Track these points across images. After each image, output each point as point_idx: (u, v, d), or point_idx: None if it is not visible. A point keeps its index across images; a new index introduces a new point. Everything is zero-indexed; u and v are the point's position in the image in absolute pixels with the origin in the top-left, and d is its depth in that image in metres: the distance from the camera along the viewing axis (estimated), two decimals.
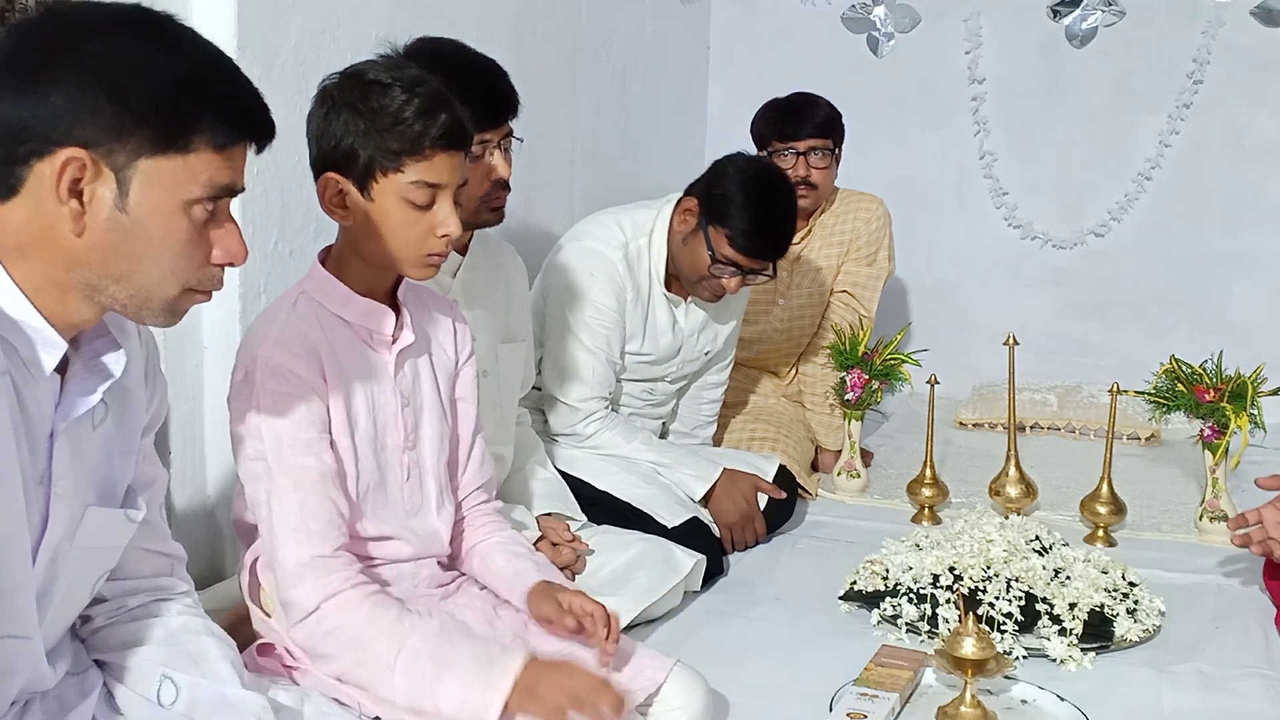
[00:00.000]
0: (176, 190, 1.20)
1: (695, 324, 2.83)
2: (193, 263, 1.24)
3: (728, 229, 2.57)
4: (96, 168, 1.16)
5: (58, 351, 1.21)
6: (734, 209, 2.57)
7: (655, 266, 2.72)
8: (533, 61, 3.18)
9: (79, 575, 1.34)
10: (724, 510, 2.67)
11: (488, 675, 1.55)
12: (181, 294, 1.25)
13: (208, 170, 1.22)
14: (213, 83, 1.23)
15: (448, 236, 1.67)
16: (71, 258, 1.19)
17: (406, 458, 1.77)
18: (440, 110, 1.63)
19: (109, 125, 1.16)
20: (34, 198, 1.17)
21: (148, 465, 1.45)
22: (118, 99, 1.15)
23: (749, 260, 2.59)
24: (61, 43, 1.16)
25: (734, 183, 2.60)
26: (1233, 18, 3.96)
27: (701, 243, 2.61)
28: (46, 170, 1.15)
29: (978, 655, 1.81)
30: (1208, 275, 4.09)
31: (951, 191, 4.31)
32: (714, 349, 2.92)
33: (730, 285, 2.63)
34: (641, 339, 2.73)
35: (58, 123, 1.14)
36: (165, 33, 1.21)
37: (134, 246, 1.20)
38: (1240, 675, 2.10)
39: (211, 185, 1.22)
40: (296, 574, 1.60)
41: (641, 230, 2.71)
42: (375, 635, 1.58)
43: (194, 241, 1.23)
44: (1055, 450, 3.58)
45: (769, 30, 4.43)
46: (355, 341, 1.72)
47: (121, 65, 1.16)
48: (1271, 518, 2.27)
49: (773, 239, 2.61)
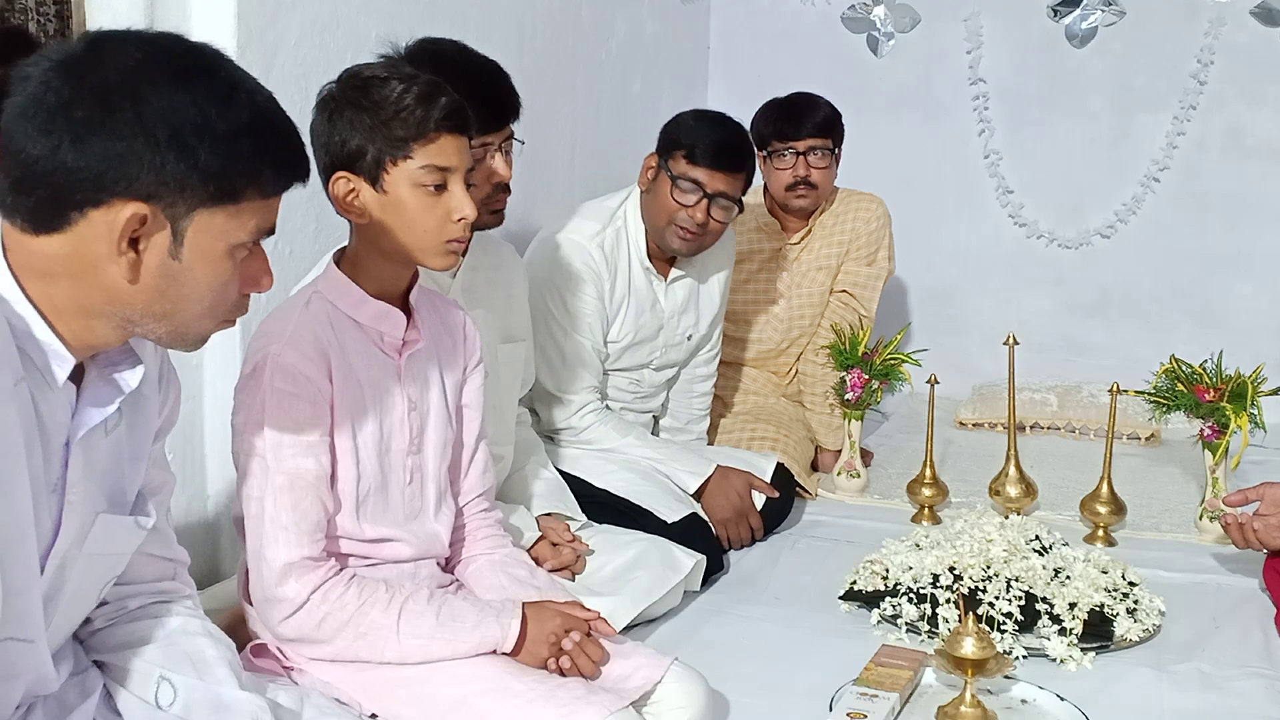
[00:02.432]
0: (225, 237, 1.23)
1: (676, 304, 2.84)
2: (229, 300, 1.28)
3: (683, 148, 2.62)
4: (157, 220, 1.18)
5: (67, 365, 1.21)
6: (685, 130, 2.65)
7: (634, 244, 2.75)
8: (533, 61, 3.18)
9: (86, 581, 1.34)
10: (717, 506, 2.68)
11: (495, 613, 1.68)
12: (213, 324, 1.29)
13: (255, 218, 1.25)
14: (269, 135, 1.25)
15: (464, 220, 1.69)
16: (115, 296, 1.20)
17: (410, 461, 1.78)
18: (440, 95, 1.66)
19: (173, 181, 1.17)
20: (80, 239, 1.17)
21: (157, 470, 1.45)
22: (184, 156, 1.16)
23: (709, 174, 2.61)
24: (119, 90, 1.15)
25: (685, 115, 2.72)
26: (1233, 17, 3.96)
27: (663, 181, 2.66)
28: (102, 218, 1.16)
29: (978, 655, 1.81)
30: (1208, 275, 4.09)
31: (951, 191, 4.31)
32: (696, 333, 2.93)
33: (697, 213, 2.62)
34: (623, 319, 2.76)
35: (120, 175, 1.15)
36: (219, 79, 1.21)
37: (181, 290, 1.23)
38: (1240, 675, 2.11)
39: (258, 231, 1.26)
40: (283, 572, 1.61)
41: (614, 215, 2.75)
42: (371, 608, 1.63)
43: (234, 282, 1.27)
44: (1055, 450, 3.58)
45: (769, 30, 4.43)
46: (366, 343, 1.72)
47: (184, 120, 1.16)
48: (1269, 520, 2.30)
49: (728, 148, 2.63)
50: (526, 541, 2.20)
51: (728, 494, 2.70)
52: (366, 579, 1.68)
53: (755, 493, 2.76)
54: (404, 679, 1.65)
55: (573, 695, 1.61)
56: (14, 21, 1.93)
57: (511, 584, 1.83)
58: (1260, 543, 2.34)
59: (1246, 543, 2.36)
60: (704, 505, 2.67)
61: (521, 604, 1.71)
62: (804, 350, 3.40)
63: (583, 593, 2.07)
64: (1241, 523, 2.34)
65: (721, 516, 2.67)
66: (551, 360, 2.66)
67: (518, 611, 1.69)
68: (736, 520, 2.70)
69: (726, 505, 2.69)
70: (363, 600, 1.64)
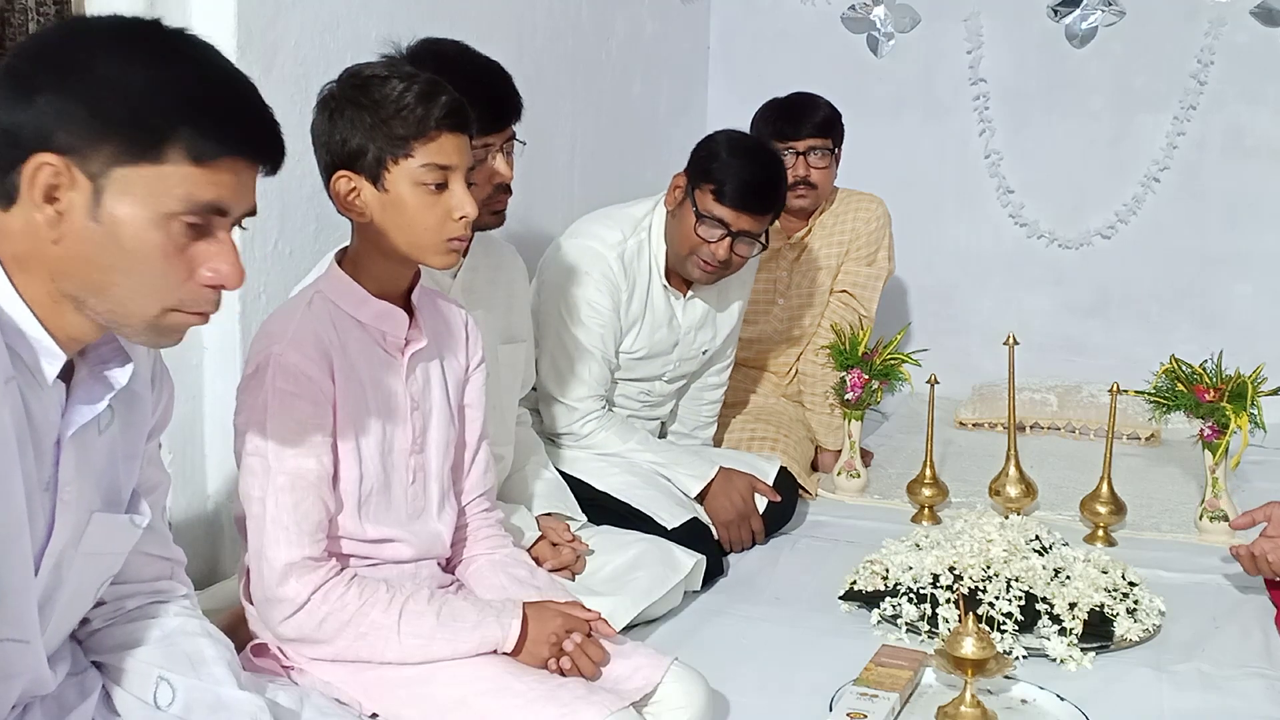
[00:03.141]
0: (150, 202, 1.16)
1: (693, 320, 2.82)
2: (169, 281, 1.19)
3: (712, 183, 2.56)
4: (71, 174, 1.15)
5: (58, 362, 1.20)
6: (717, 164, 2.57)
7: (655, 258, 2.72)
8: (533, 61, 3.18)
9: (83, 581, 1.33)
10: (720, 509, 2.67)
11: (496, 613, 1.68)
12: (163, 314, 1.21)
13: (184, 184, 1.17)
14: (194, 92, 1.18)
15: (465, 219, 1.69)
16: (55, 268, 1.18)
17: (413, 461, 1.78)
18: (440, 93, 1.66)
19: (82, 131, 1.14)
20: (24, 208, 1.16)
21: (151, 470, 1.44)
22: (92, 104, 1.14)
23: (735, 214, 2.56)
24: (53, 52, 1.16)
25: (719, 144, 2.62)
26: (1233, 17, 3.96)
27: (687, 211, 2.60)
28: (28, 177, 1.15)
29: (978, 655, 1.81)
30: (1208, 275, 4.09)
31: (951, 191, 4.31)
32: (712, 348, 2.91)
33: (719, 251, 2.58)
34: (638, 333, 2.73)
35: (38, 128, 1.14)
36: (160, 43, 1.19)
37: (105, 257, 1.17)
38: (1240, 675, 2.10)
39: (189, 201, 1.18)
40: (284, 572, 1.61)
41: (639, 225, 2.71)
42: (371, 608, 1.64)
43: (169, 258, 1.18)
44: (1055, 450, 3.58)
45: (769, 30, 4.43)
46: (369, 343, 1.72)
47: (102, 73, 1.15)
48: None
49: (758, 190, 2.56)
50: (527, 541, 2.20)
51: (731, 496, 2.69)
52: (367, 579, 1.68)
53: (758, 495, 2.75)
54: (404, 679, 1.65)
55: (573, 695, 1.61)
56: (14, 21, 1.93)
57: (512, 584, 1.83)
58: (1273, 569, 2.29)
59: (1259, 570, 2.33)
60: (706, 507, 2.66)
61: (522, 604, 1.71)
62: (804, 350, 3.40)
63: (583, 593, 2.07)
64: (1255, 553, 2.30)
65: (724, 518, 2.67)
66: (559, 365, 2.65)
67: (518, 612, 1.69)
68: (739, 522, 2.69)
69: (729, 507, 2.68)
70: (363, 600, 1.64)
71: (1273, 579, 2.35)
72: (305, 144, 1.75)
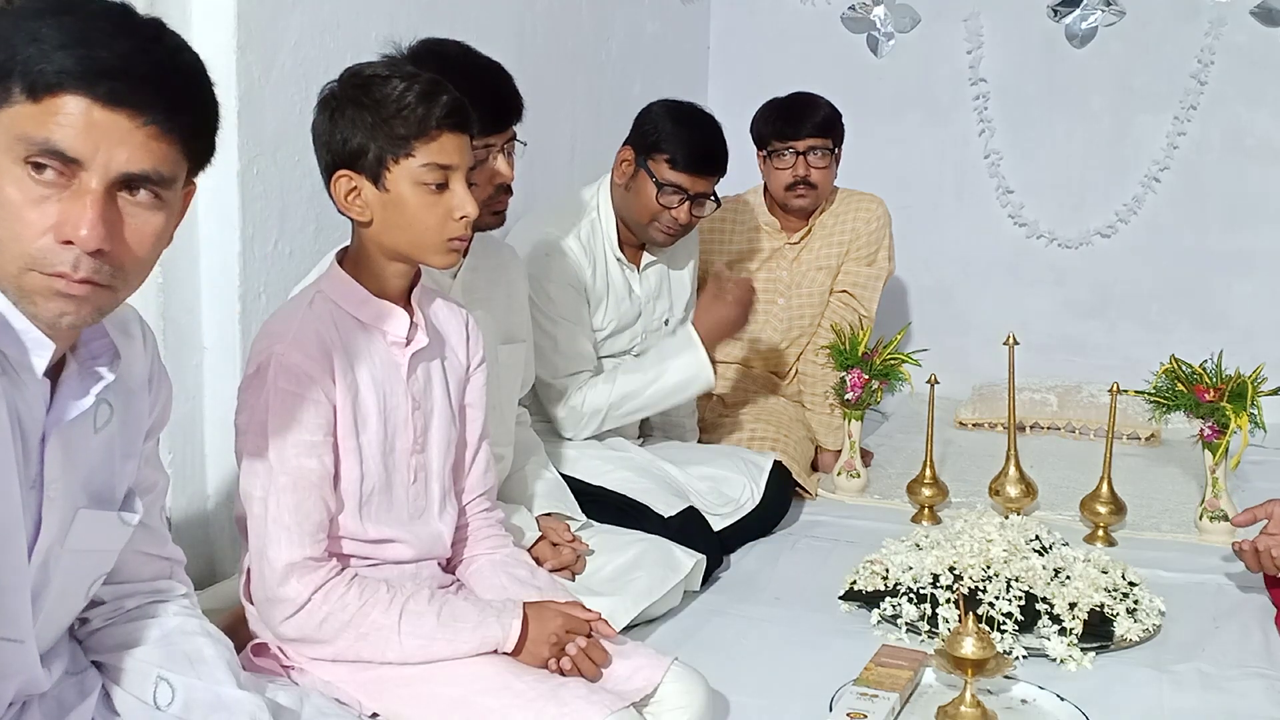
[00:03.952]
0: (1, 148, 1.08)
1: (650, 290, 2.90)
2: (22, 235, 1.08)
3: (666, 153, 2.69)
4: None
5: (47, 352, 1.16)
6: (665, 134, 2.71)
7: (607, 234, 2.80)
8: (533, 62, 3.18)
9: (72, 579, 1.32)
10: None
11: (496, 613, 1.68)
12: (21, 273, 1.10)
13: (19, 122, 1.07)
14: (33, 24, 1.07)
15: (466, 218, 1.69)
16: None
17: (414, 460, 1.78)
18: (441, 93, 1.66)
19: None
20: None
21: (149, 469, 1.44)
22: None
23: (691, 179, 2.69)
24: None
25: (660, 115, 2.76)
26: (1233, 17, 3.96)
27: (644, 181, 2.72)
28: None
29: (978, 655, 1.80)
30: (1208, 275, 4.09)
31: (951, 191, 4.32)
32: (673, 316, 2.96)
33: (680, 215, 2.72)
34: (605, 308, 2.80)
35: None
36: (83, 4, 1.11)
37: None
38: (1240, 675, 2.10)
39: (26, 140, 1.07)
40: (285, 572, 1.62)
41: (586, 206, 2.80)
42: (372, 609, 1.64)
43: (18, 210, 1.08)
44: (1055, 450, 3.58)
45: (769, 30, 4.43)
46: (370, 343, 1.72)
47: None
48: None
49: (709, 152, 2.72)
50: (527, 541, 2.20)
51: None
52: (368, 579, 1.68)
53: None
54: (404, 679, 1.65)
55: (574, 695, 1.61)
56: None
57: (512, 584, 1.83)
58: (1275, 565, 2.29)
59: (1262, 567, 2.32)
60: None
61: (522, 604, 1.71)
62: (804, 350, 3.40)
63: (583, 593, 2.07)
64: (1259, 549, 2.29)
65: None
66: (545, 351, 2.67)
67: (519, 612, 1.69)
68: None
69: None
70: (364, 600, 1.64)
71: (1274, 577, 2.35)
72: (305, 144, 1.75)
